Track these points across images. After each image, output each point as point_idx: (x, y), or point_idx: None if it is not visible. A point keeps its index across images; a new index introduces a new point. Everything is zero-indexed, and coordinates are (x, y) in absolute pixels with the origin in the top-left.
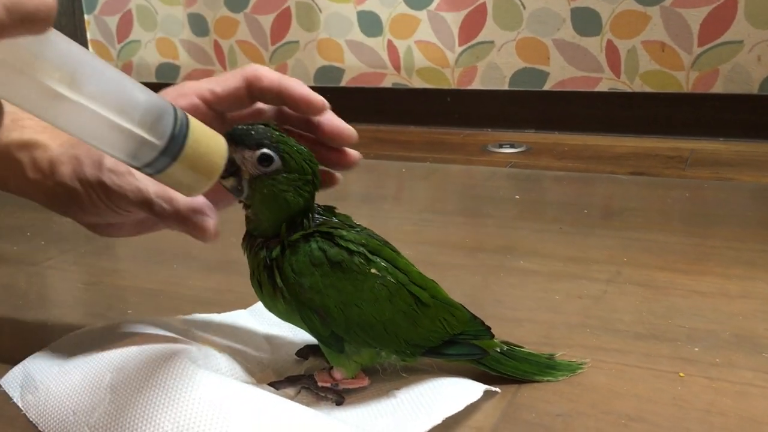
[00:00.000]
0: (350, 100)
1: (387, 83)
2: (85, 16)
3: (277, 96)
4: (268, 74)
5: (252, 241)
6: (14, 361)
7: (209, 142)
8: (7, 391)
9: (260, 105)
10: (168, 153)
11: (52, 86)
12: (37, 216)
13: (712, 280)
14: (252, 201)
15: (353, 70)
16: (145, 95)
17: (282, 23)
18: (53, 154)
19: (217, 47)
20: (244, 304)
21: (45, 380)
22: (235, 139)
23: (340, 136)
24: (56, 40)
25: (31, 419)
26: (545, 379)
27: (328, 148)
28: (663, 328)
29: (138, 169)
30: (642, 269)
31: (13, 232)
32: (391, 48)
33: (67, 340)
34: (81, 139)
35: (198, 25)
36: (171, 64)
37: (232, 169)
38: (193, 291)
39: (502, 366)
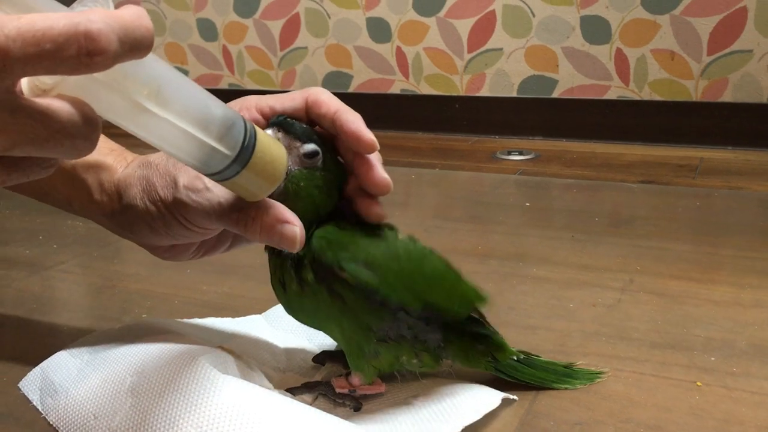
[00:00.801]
0: (358, 106)
1: (395, 89)
2: None
3: (332, 124)
4: (327, 101)
5: None
6: (31, 363)
7: (273, 151)
8: (26, 393)
9: (318, 129)
10: (238, 162)
11: (140, 101)
12: (49, 220)
13: (725, 290)
14: (285, 195)
15: (362, 76)
16: (220, 108)
17: (291, 29)
18: (120, 177)
19: (226, 52)
20: (257, 309)
21: (64, 383)
22: (285, 129)
23: (375, 186)
24: (145, 58)
25: (51, 423)
26: (563, 386)
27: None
28: (678, 337)
29: (207, 175)
30: (655, 278)
31: (26, 235)
32: (400, 54)
33: (85, 342)
34: (159, 147)
35: (207, 30)
36: (180, 68)
37: None
38: (206, 296)
39: (519, 373)
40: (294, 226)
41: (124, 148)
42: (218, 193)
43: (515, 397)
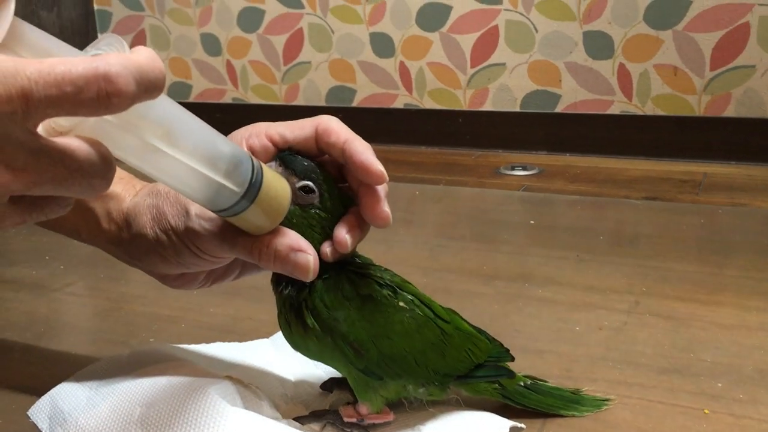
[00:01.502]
0: (362, 121)
1: (399, 104)
2: (99, 35)
3: (341, 154)
4: (337, 130)
5: (278, 277)
6: (40, 390)
7: (278, 187)
8: (35, 422)
9: (327, 158)
10: (246, 198)
11: (152, 141)
12: (56, 240)
13: (730, 312)
14: None
15: (365, 91)
16: (228, 146)
17: (294, 44)
18: (129, 205)
19: (230, 67)
20: (264, 332)
21: (73, 412)
22: (285, 162)
23: (375, 219)
24: (156, 98)
25: None
26: (570, 413)
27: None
28: (685, 362)
29: (215, 212)
30: (661, 299)
31: (32, 256)
32: (403, 69)
33: (93, 370)
34: (169, 185)
35: (211, 45)
36: (183, 83)
37: None
38: (213, 318)
39: (526, 399)
40: (308, 254)
41: (132, 176)
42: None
43: (523, 425)
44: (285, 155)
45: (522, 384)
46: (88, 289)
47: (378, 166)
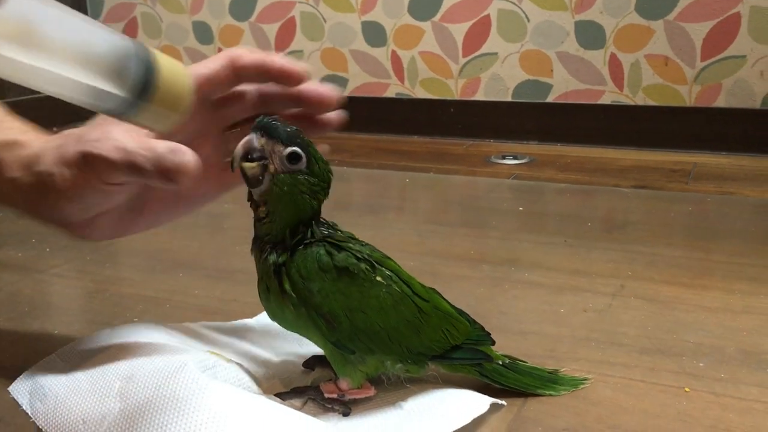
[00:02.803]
0: (353, 110)
1: (390, 93)
2: None
3: (258, 71)
4: (248, 53)
5: (261, 245)
6: (22, 368)
7: (176, 77)
8: (16, 398)
9: (243, 87)
10: (136, 93)
11: (7, 40)
12: None
13: (716, 295)
14: (268, 198)
15: (357, 80)
16: (107, 38)
17: (286, 32)
18: (36, 150)
19: None
20: (249, 314)
21: (54, 388)
22: (268, 131)
23: (321, 102)
24: None
25: (40, 426)
26: (547, 392)
27: (311, 117)
28: (668, 342)
29: (105, 112)
30: (646, 283)
31: (18, 238)
32: (395, 58)
33: (75, 347)
34: (41, 89)
35: (202, 33)
36: None
37: (259, 158)
38: (198, 300)
39: (504, 378)
40: (184, 153)
41: (39, 129)
42: (121, 138)
43: (504, 402)
44: (265, 123)
45: (500, 363)
46: (74, 271)
47: (297, 65)
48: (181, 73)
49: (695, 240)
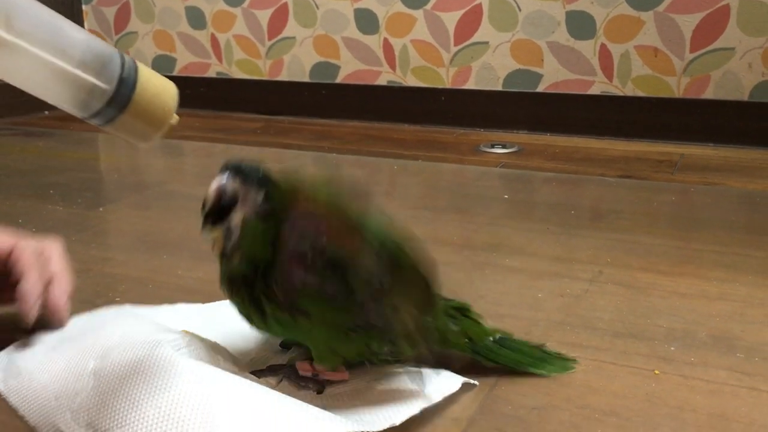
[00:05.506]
0: (345, 97)
1: (382, 81)
2: (83, 6)
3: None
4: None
5: (233, 285)
6: (2, 346)
7: (161, 88)
8: None
9: None
10: (118, 99)
11: None
12: (30, 203)
13: (692, 282)
14: (241, 243)
15: (349, 67)
16: (87, 39)
17: (279, 19)
18: None
19: (214, 41)
20: None
21: (28, 366)
22: (242, 175)
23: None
24: None
25: (11, 403)
26: (539, 371)
27: None
28: (641, 327)
29: (88, 119)
30: (624, 270)
31: (5, 218)
32: (387, 46)
33: (52, 328)
34: (25, 88)
35: (195, 18)
36: (168, 56)
37: (228, 203)
38: (181, 280)
39: (495, 355)
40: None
41: None
42: None
43: (476, 381)
44: (237, 166)
45: (492, 339)
46: None
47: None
48: (161, 78)
49: (676, 229)
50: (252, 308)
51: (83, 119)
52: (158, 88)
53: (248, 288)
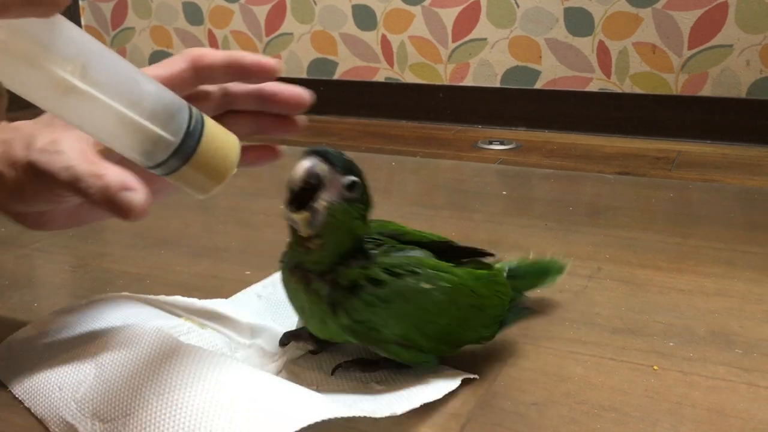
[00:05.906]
0: (343, 94)
1: (380, 77)
2: (80, 2)
3: (227, 69)
4: (210, 52)
5: (305, 276)
6: (0, 338)
7: (223, 139)
8: None
9: (206, 87)
10: (183, 151)
11: (63, 77)
12: None
13: (690, 278)
14: (323, 230)
15: (347, 64)
16: (158, 90)
17: (277, 14)
18: None
19: (212, 36)
20: (229, 291)
21: (31, 356)
22: (328, 160)
23: (294, 103)
24: (66, 28)
25: (16, 395)
26: (546, 284)
27: (275, 116)
28: (640, 323)
29: (150, 168)
30: (623, 266)
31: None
32: (385, 42)
33: (52, 317)
34: (93, 135)
35: (193, 13)
36: (165, 52)
37: (313, 187)
38: (179, 276)
39: (512, 313)
40: (135, 191)
41: None
42: (71, 156)
43: (476, 376)
44: (323, 151)
45: (505, 273)
46: (56, 247)
47: (268, 58)
48: (226, 132)
49: (674, 225)
50: (330, 313)
51: (146, 168)
52: (222, 142)
53: (329, 289)
